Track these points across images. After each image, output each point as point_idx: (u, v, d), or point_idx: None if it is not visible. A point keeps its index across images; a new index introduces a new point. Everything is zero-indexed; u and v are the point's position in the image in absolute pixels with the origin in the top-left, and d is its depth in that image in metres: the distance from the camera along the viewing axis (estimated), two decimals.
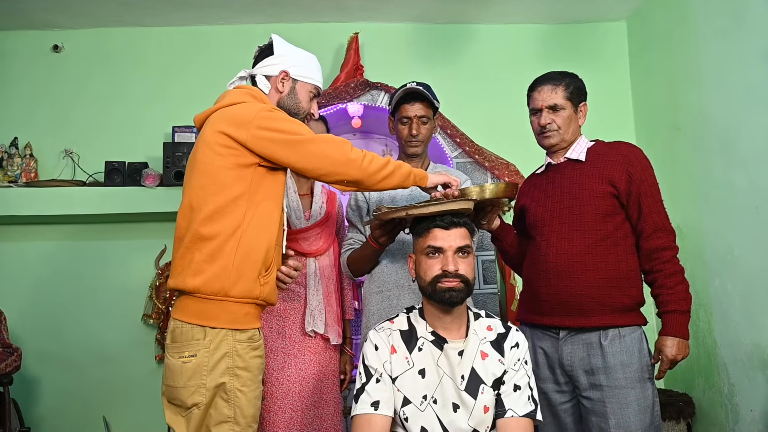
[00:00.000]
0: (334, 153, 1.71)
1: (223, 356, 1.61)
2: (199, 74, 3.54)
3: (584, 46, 3.72)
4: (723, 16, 2.81)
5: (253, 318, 1.70)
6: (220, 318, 1.62)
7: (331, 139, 1.75)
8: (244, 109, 1.70)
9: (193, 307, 1.63)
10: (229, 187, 1.66)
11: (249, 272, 1.66)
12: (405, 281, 2.15)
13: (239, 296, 1.64)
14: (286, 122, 1.71)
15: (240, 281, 1.64)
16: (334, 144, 1.73)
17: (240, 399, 1.62)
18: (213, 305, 1.62)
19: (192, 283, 1.62)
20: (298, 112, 1.89)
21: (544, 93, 2.00)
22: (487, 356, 1.69)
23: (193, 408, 1.59)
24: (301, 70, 1.88)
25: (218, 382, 1.60)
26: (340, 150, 1.72)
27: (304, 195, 2.33)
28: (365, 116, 3.57)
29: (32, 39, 3.56)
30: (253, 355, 1.67)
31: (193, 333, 1.61)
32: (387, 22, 3.67)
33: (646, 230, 1.92)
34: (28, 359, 3.21)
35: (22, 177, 3.34)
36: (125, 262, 3.44)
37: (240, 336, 1.64)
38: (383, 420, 1.62)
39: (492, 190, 1.91)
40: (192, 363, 1.59)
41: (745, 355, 2.69)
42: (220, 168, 1.66)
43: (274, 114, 1.71)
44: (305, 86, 1.90)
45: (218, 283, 1.62)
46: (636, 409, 1.82)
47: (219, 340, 1.61)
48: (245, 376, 1.63)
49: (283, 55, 1.86)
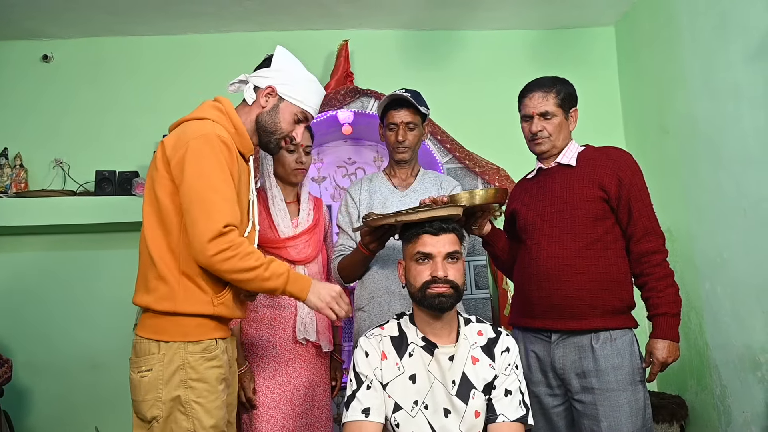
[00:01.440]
0: (202, 227, 1.55)
1: (177, 369, 1.60)
2: (190, 83, 3.54)
3: (573, 52, 3.75)
4: (708, 19, 2.84)
5: (208, 329, 1.66)
6: (172, 331, 1.62)
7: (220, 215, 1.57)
8: (192, 127, 1.65)
9: (149, 322, 1.64)
10: (163, 203, 1.63)
11: (196, 293, 1.63)
12: (396, 287, 2.15)
13: (191, 313, 1.62)
14: (208, 167, 1.59)
15: (188, 302, 1.62)
16: (213, 222, 1.55)
17: (197, 411, 1.60)
18: (165, 320, 1.62)
19: (145, 299, 1.64)
20: (274, 131, 1.81)
21: (536, 100, 2.01)
22: (478, 361, 1.70)
23: (153, 421, 1.59)
24: (292, 90, 1.80)
25: (173, 396, 1.59)
26: (207, 230, 1.55)
27: (291, 203, 2.33)
28: (355, 123, 3.58)
29: (22, 49, 3.55)
30: (208, 366, 1.64)
31: (149, 347, 1.62)
32: (377, 29, 3.69)
33: (636, 234, 1.93)
34: (18, 370, 3.19)
35: (12, 187, 3.33)
36: (116, 272, 3.42)
37: (193, 348, 1.62)
38: (374, 427, 1.62)
39: (482, 196, 1.92)
40: (148, 377, 1.60)
41: (737, 356, 2.70)
42: (157, 183, 1.64)
43: (205, 151, 1.61)
44: (290, 107, 1.81)
45: (167, 303, 1.61)
46: (628, 411, 1.83)
47: (172, 354, 1.60)
48: (201, 388, 1.61)
49: (279, 70, 1.81)
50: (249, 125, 1.81)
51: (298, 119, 1.84)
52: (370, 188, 2.30)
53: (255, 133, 1.83)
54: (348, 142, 3.99)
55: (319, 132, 3.52)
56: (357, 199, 2.29)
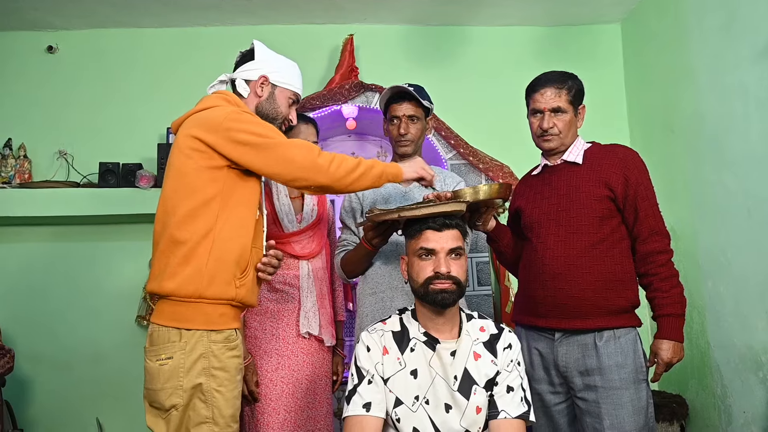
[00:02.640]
0: (300, 158, 1.70)
1: (199, 357, 1.62)
2: (193, 75, 3.53)
3: (578, 49, 3.73)
4: (716, 18, 2.82)
5: (229, 319, 1.70)
6: (195, 320, 1.63)
7: (298, 144, 1.75)
8: (215, 113, 1.71)
9: (168, 310, 1.65)
10: (201, 190, 1.67)
11: (223, 275, 1.66)
12: (398, 283, 2.15)
13: (214, 298, 1.65)
14: (254, 125, 1.71)
15: (214, 284, 1.65)
16: (301, 149, 1.73)
17: (218, 399, 1.62)
18: (188, 307, 1.63)
19: (167, 286, 1.64)
20: (276, 117, 1.90)
21: (548, 96, 1.97)
22: (480, 357, 1.70)
23: (172, 410, 1.60)
24: (281, 76, 1.90)
25: (195, 383, 1.61)
26: (306, 155, 1.71)
27: (295, 198, 2.33)
28: (360, 118, 3.58)
29: (26, 40, 3.55)
30: (230, 355, 1.67)
31: (169, 335, 1.63)
32: (382, 24, 3.68)
33: (642, 233, 1.92)
34: (21, 361, 3.20)
35: (16, 178, 3.33)
36: (119, 264, 3.43)
37: (216, 337, 1.64)
38: (375, 421, 1.62)
39: (485, 191, 1.91)
40: (168, 365, 1.60)
41: (738, 357, 2.69)
42: (191, 171, 1.68)
43: (243, 117, 1.71)
44: (284, 92, 1.91)
45: (191, 286, 1.62)
46: (630, 410, 1.82)
47: (194, 342, 1.62)
48: (222, 377, 1.64)
49: (264, 61, 1.89)
50: None
51: (292, 102, 1.95)
52: None
53: None
54: (352, 136, 3.98)
55: (324, 126, 3.51)
56: (360, 195, 2.28)
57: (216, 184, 1.68)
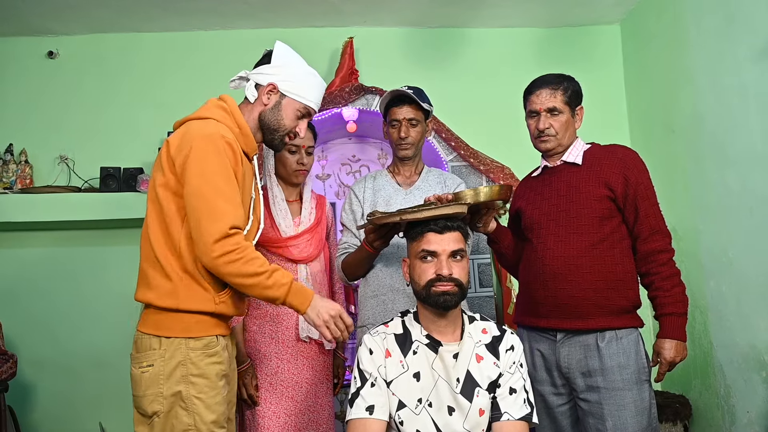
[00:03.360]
0: (206, 227, 1.55)
1: (177, 365, 1.61)
2: (194, 79, 3.54)
3: (578, 50, 3.73)
4: (715, 18, 2.82)
5: (209, 326, 1.67)
6: (173, 327, 1.63)
7: (221, 215, 1.57)
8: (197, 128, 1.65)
9: (151, 318, 1.66)
10: (166, 205, 1.65)
11: (198, 290, 1.64)
12: (400, 285, 2.15)
13: (193, 310, 1.64)
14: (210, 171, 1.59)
15: (191, 299, 1.63)
16: (216, 222, 1.56)
17: (198, 406, 1.61)
18: (166, 316, 1.63)
19: (147, 296, 1.65)
20: (278, 128, 1.81)
21: (543, 96, 1.99)
22: (483, 359, 1.70)
23: (154, 416, 1.61)
24: (294, 86, 1.78)
25: (174, 391, 1.60)
26: (212, 230, 1.55)
27: (293, 201, 2.33)
28: (360, 121, 3.58)
29: (27, 45, 3.55)
30: (209, 362, 1.65)
31: (150, 343, 1.63)
32: (382, 27, 3.68)
33: (642, 233, 1.92)
34: (23, 366, 3.20)
35: (17, 183, 3.34)
36: (121, 268, 3.43)
37: (194, 344, 1.63)
38: (378, 424, 1.62)
39: (486, 193, 1.91)
40: (149, 372, 1.61)
41: (741, 356, 2.69)
42: (158, 184, 1.66)
43: (208, 152, 1.60)
44: (293, 104, 1.80)
45: (169, 299, 1.62)
46: (633, 410, 1.82)
47: (173, 349, 1.62)
48: (201, 383, 1.62)
49: (280, 66, 1.78)
50: (252, 123, 1.81)
51: (301, 115, 1.83)
52: (374, 186, 2.30)
53: (258, 130, 1.82)
54: (352, 139, 3.98)
55: (324, 129, 3.52)
56: (361, 197, 2.28)
57: (179, 198, 1.63)
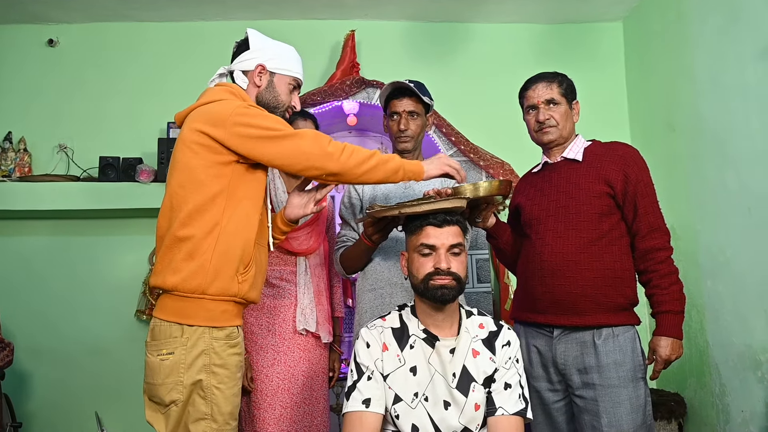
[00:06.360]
0: (310, 148, 1.69)
1: (200, 354, 1.61)
2: (194, 70, 3.51)
3: (580, 47, 3.73)
4: (718, 16, 2.82)
5: (232, 316, 1.70)
6: (198, 316, 1.63)
7: (308, 134, 1.73)
8: (221, 107, 1.69)
9: (171, 305, 1.65)
10: (207, 185, 1.66)
11: (226, 270, 1.66)
12: (398, 279, 2.14)
13: (216, 294, 1.65)
14: (262, 119, 1.69)
15: (217, 279, 1.64)
16: (311, 139, 1.71)
17: (217, 396, 1.62)
18: (191, 303, 1.63)
19: (170, 281, 1.63)
20: (277, 105, 1.86)
21: (540, 90, 2.00)
22: (479, 354, 1.70)
23: (171, 405, 1.60)
24: (279, 62, 1.85)
25: (195, 380, 1.61)
26: (316, 144, 1.69)
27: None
28: (361, 114, 3.58)
29: (27, 33, 3.54)
30: (231, 352, 1.66)
31: (171, 331, 1.62)
32: (383, 20, 3.67)
33: (641, 230, 1.92)
34: (20, 354, 3.21)
35: (15, 171, 3.33)
36: (119, 258, 3.43)
37: (217, 333, 1.64)
38: (374, 417, 1.62)
39: (486, 188, 1.90)
40: (170, 360, 1.60)
41: (737, 355, 2.70)
42: (197, 166, 1.67)
43: (250, 111, 1.70)
44: (283, 79, 1.86)
45: (195, 281, 1.62)
46: (628, 408, 1.82)
47: (196, 338, 1.62)
48: (222, 374, 1.63)
49: (260, 49, 1.84)
50: None
51: (293, 87, 1.90)
52: None
53: None
54: (353, 132, 3.98)
55: (324, 122, 3.51)
56: (360, 190, 2.28)
57: (222, 179, 1.67)
